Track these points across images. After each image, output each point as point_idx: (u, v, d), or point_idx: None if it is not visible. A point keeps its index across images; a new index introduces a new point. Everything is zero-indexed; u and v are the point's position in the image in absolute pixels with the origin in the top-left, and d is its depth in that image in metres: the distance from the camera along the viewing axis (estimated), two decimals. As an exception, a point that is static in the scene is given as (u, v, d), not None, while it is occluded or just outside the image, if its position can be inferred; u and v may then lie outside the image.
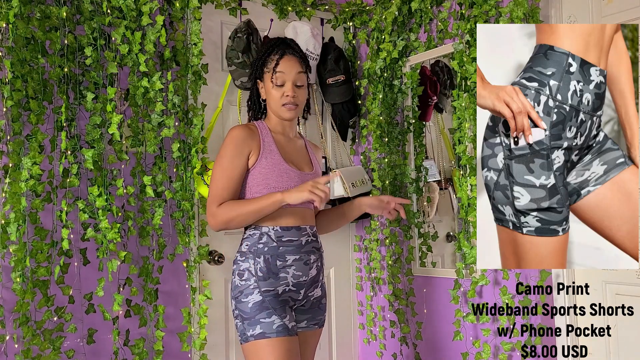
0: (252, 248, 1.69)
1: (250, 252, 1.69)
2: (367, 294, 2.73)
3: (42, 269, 1.82)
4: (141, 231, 2.04)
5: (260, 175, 1.71)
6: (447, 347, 2.39)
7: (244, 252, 1.71)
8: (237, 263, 1.71)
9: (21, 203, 1.79)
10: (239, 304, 1.66)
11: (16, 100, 1.80)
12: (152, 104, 2.04)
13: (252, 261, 1.68)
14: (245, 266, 1.68)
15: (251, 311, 1.63)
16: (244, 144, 1.70)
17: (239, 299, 1.66)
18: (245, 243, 1.72)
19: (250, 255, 1.68)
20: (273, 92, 1.75)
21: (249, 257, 1.68)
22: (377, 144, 2.55)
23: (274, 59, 1.75)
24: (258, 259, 1.67)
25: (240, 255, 1.71)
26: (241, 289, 1.67)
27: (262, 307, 1.63)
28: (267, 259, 1.67)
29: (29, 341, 1.78)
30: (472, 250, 2.14)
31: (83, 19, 1.95)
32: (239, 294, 1.67)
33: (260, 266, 1.67)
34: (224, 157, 1.70)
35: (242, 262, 1.69)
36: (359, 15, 2.76)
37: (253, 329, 1.62)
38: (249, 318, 1.63)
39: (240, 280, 1.68)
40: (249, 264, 1.68)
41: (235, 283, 1.69)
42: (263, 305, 1.63)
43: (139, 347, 1.97)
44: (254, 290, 1.65)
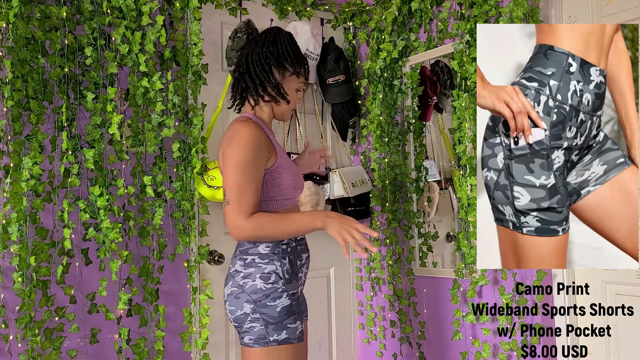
0: (276, 249, 1.62)
1: (274, 253, 1.62)
2: (367, 294, 2.73)
3: (43, 268, 1.82)
4: (141, 231, 2.04)
5: (278, 176, 1.65)
6: (447, 347, 2.39)
7: (264, 254, 1.62)
8: (255, 266, 1.62)
9: (22, 203, 1.79)
10: (262, 307, 1.58)
11: (16, 100, 1.80)
12: (152, 104, 2.04)
13: (278, 263, 1.61)
14: (271, 268, 1.61)
15: (279, 316, 1.58)
16: (265, 145, 1.61)
17: (263, 302, 1.58)
18: (265, 244, 1.63)
19: (274, 257, 1.62)
20: (294, 95, 1.72)
21: (274, 259, 1.62)
22: (377, 144, 2.55)
23: (302, 62, 1.72)
24: (284, 261, 1.62)
25: (260, 257, 1.62)
26: (267, 292, 1.59)
27: (290, 312, 1.59)
28: (291, 260, 1.64)
29: (31, 341, 1.78)
30: (472, 250, 2.14)
31: (83, 19, 1.95)
32: (264, 297, 1.59)
33: (286, 268, 1.62)
34: (247, 161, 1.56)
35: (266, 264, 1.61)
36: (359, 15, 2.76)
37: (278, 334, 1.57)
38: (276, 322, 1.57)
39: (264, 284, 1.59)
40: (274, 266, 1.61)
41: (258, 286, 1.59)
42: (291, 310, 1.60)
43: (139, 346, 1.97)
44: (283, 293, 1.60)
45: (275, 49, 1.67)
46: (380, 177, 2.55)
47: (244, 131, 1.58)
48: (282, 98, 1.70)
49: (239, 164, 1.55)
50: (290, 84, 1.71)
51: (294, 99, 1.74)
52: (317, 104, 2.71)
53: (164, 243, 2.07)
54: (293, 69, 1.70)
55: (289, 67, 1.69)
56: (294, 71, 1.70)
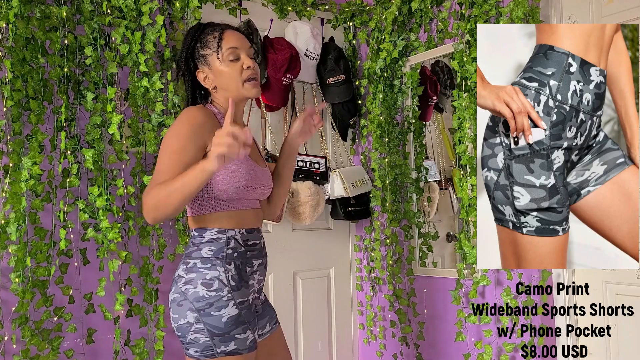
0: (220, 254, 1.47)
1: (218, 258, 1.47)
2: (367, 294, 2.73)
3: (42, 268, 1.82)
4: (141, 231, 2.04)
5: (227, 173, 1.46)
6: (448, 348, 2.38)
7: (207, 259, 1.46)
8: (197, 271, 1.46)
9: (21, 203, 1.79)
10: (205, 317, 1.43)
11: (16, 100, 1.80)
12: (152, 103, 2.04)
13: (221, 269, 1.46)
14: (213, 274, 1.45)
15: (225, 327, 1.43)
16: (202, 129, 1.42)
17: (205, 312, 1.43)
18: (208, 248, 1.47)
19: (217, 262, 1.46)
20: (227, 70, 1.50)
21: (217, 264, 1.46)
22: (377, 144, 2.55)
23: (215, 36, 1.52)
24: (228, 266, 1.47)
25: (201, 262, 1.46)
26: (210, 300, 1.43)
27: (238, 322, 1.45)
28: (237, 266, 1.49)
29: (28, 341, 1.78)
30: (472, 250, 2.13)
31: (83, 19, 1.95)
32: (207, 306, 1.43)
33: (232, 274, 1.47)
34: (173, 142, 1.40)
35: (208, 269, 1.45)
36: (359, 15, 2.76)
37: (226, 345, 1.43)
38: (222, 334, 1.43)
39: (207, 291, 1.44)
40: (217, 272, 1.45)
41: (200, 293, 1.44)
42: (239, 320, 1.45)
43: (139, 347, 1.97)
44: (229, 302, 1.44)
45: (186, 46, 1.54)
46: (380, 177, 2.55)
47: (183, 113, 1.45)
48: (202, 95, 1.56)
49: (165, 144, 1.41)
50: (214, 64, 1.51)
51: (230, 75, 1.50)
52: (317, 104, 2.71)
53: (163, 243, 2.07)
54: (205, 50, 1.52)
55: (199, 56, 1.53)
56: (208, 51, 1.52)
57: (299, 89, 2.67)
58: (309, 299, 2.65)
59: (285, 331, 2.55)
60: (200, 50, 1.52)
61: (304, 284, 2.64)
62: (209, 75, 1.53)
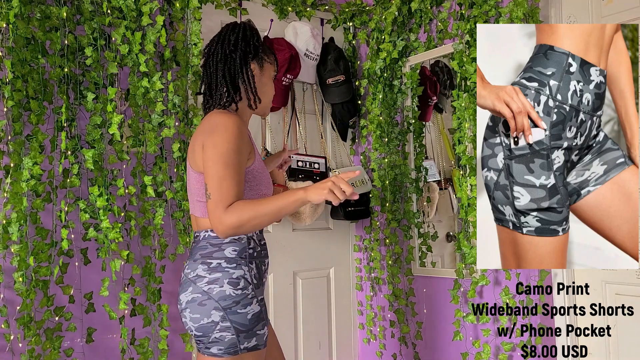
0: (243, 254, 1.53)
1: (242, 257, 1.53)
2: (367, 294, 2.73)
3: (43, 268, 1.82)
4: (143, 231, 2.04)
5: (254, 180, 1.55)
6: (447, 347, 2.39)
7: (231, 259, 1.52)
8: (222, 270, 1.51)
9: (22, 203, 1.79)
10: (232, 315, 1.48)
11: (17, 100, 1.80)
12: (153, 104, 2.04)
13: (245, 268, 1.52)
14: (239, 273, 1.51)
15: (250, 323, 1.49)
16: (247, 142, 1.50)
17: (232, 309, 1.48)
18: (232, 248, 1.53)
19: (242, 262, 1.52)
20: (270, 86, 1.63)
21: (241, 264, 1.52)
22: (377, 144, 2.55)
23: (273, 54, 1.64)
24: (251, 265, 1.54)
25: (226, 262, 1.51)
26: (237, 299, 1.49)
27: (260, 319, 1.52)
28: (257, 265, 1.57)
29: (31, 340, 1.78)
30: (472, 250, 2.14)
31: (83, 19, 1.95)
32: (234, 304, 1.48)
33: (254, 273, 1.54)
34: (230, 152, 1.44)
35: (234, 269, 1.51)
36: (359, 15, 2.76)
37: (248, 342, 1.49)
38: (247, 330, 1.48)
39: (234, 290, 1.49)
40: (242, 271, 1.52)
41: (227, 292, 1.48)
42: (260, 317, 1.52)
43: (144, 346, 1.97)
44: (253, 300, 1.51)
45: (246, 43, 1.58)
46: (380, 177, 2.55)
47: (230, 122, 1.47)
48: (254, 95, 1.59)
49: (222, 154, 1.43)
50: (267, 73, 1.62)
51: (269, 91, 1.63)
52: (317, 104, 2.71)
53: (165, 243, 2.07)
54: (267, 57, 1.62)
55: (266, 56, 1.61)
56: (267, 59, 1.62)
57: (299, 89, 2.67)
58: (309, 298, 2.65)
59: (285, 331, 2.56)
60: (262, 53, 1.60)
61: (303, 284, 2.64)
62: (257, 76, 1.60)
